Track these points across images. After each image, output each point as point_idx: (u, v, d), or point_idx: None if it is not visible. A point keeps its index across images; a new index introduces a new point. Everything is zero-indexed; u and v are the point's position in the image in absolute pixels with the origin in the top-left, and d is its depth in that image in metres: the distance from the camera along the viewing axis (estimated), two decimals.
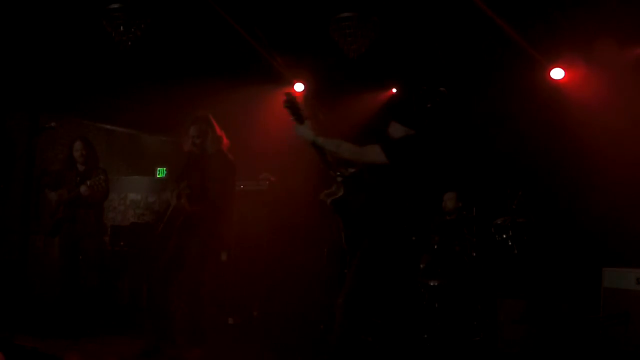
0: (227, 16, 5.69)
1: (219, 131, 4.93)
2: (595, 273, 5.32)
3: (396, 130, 3.92)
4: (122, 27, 5.20)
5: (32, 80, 7.03)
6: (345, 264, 5.58)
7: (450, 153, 5.82)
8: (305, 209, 6.64)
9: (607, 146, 6.15)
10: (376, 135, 3.99)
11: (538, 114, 6.50)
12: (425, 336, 4.72)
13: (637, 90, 5.96)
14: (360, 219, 3.81)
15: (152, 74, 7.02)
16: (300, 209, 7.00)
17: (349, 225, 3.87)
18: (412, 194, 3.78)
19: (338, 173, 3.90)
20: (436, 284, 4.94)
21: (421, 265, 5.05)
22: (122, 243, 7.50)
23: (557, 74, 6.53)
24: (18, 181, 7.75)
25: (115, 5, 5.12)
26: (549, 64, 6.50)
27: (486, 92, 6.76)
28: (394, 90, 7.55)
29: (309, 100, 7.45)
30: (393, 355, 4.67)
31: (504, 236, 5.20)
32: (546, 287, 5.50)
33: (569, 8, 5.41)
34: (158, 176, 10.86)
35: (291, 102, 3.78)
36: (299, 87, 7.62)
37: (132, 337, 5.29)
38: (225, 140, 4.98)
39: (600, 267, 5.30)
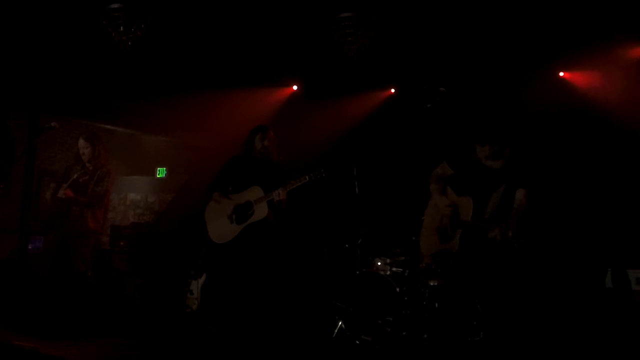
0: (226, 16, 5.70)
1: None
2: (596, 273, 5.32)
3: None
4: (122, 27, 5.19)
5: (32, 80, 7.03)
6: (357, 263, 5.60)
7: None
8: (304, 207, 6.63)
9: (608, 145, 6.16)
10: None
11: (538, 114, 6.50)
12: (425, 336, 4.72)
13: (637, 90, 5.98)
14: None
15: (152, 74, 7.02)
16: (299, 207, 6.98)
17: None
18: None
19: None
20: (436, 284, 4.94)
21: (421, 266, 5.04)
22: (122, 243, 7.51)
23: (560, 73, 6.56)
24: (18, 181, 7.76)
25: (115, 5, 5.12)
26: (552, 63, 6.51)
27: (487, 92, 6.76)
28: (393, 90, 7.56)
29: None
30: (393, 355, 4.67)
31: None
32: (546, 287, 5.50)
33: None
34: (158, 176, 10.88)
35: None
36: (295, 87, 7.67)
37: (130, 338, 5.28)
38: None
39: (600, 267, 5.30)
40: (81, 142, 5.65)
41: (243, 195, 5.35)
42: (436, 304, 4.80)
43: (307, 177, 5.20)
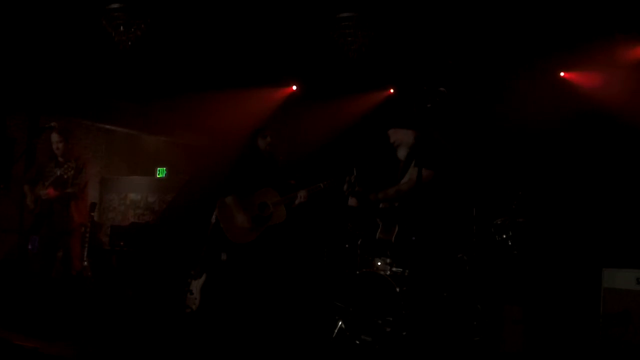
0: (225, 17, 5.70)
1: None
2: (595, 273, 5.32)
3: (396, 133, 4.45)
4: (122, 27, 5.20)
5: (32, 80, 7.03)
6: (352, 263, 5.61)
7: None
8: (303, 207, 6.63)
9: (608, 145, 6.16)
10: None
11: (538, 114, 6.50)
12: (425, 336, 4.72)
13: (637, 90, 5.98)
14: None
15: (151, 74, 7.02)
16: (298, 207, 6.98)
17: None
18: None
19: None
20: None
21: None
22: (122, 243, 7.51)
23: (560, 74, 6.56)
24: (18, 181, 7.75)
25: (115, 5, 5.13)
26: (552, 64, 6.51)
27: (487, 92, 6.76)
28: (392, 90, 7.56)
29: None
30: (393, 355, 4.67)
31: (504, 236, 5.19)
32: (546, 287, 5.49)
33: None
34: (158, 176, 10.87)
35: None
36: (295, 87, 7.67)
37: (130, 338, 5.28)
38: None
39: (600, 267, 5.30)
40: (54, 137, 5.53)
41: (257, 197, 5.35)
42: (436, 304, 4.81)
43: (321, 185, 5.38)
